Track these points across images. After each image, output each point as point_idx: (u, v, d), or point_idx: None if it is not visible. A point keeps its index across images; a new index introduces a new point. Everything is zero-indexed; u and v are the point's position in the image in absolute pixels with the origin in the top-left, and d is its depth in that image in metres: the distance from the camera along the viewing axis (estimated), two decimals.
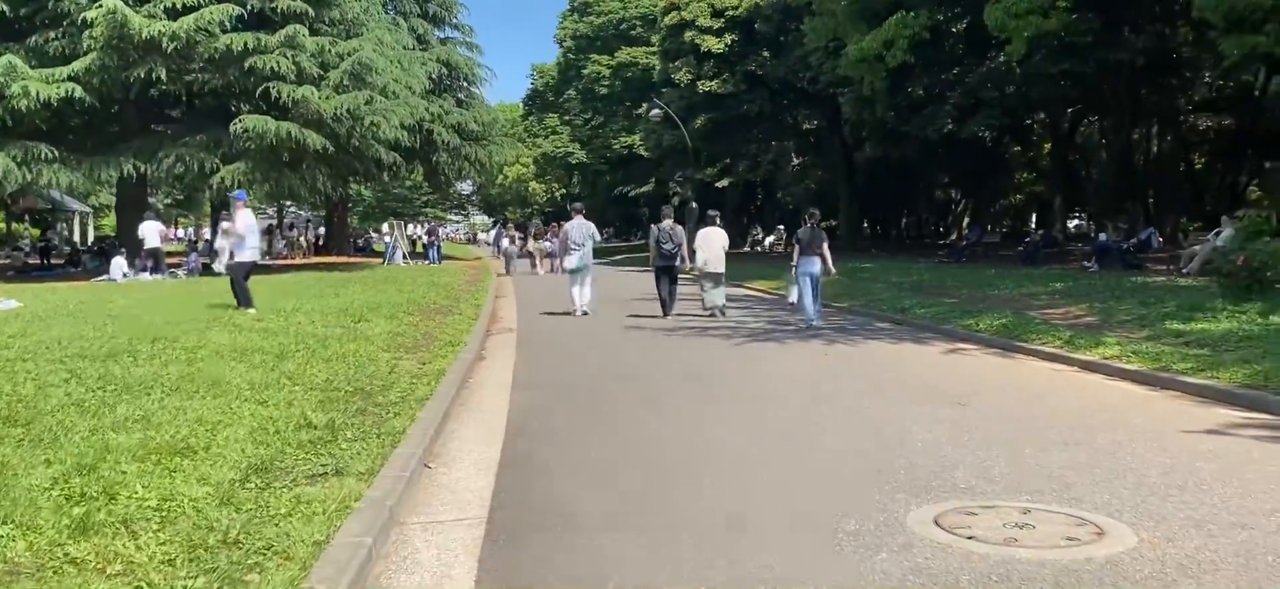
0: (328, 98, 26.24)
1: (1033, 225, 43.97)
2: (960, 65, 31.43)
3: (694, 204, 37.48)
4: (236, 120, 24.94)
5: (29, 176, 24.02)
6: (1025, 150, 42.60)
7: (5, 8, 24.19)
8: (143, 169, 25.84)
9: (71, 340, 10.09)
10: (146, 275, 25.45)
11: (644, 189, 56.64)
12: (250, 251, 13.91)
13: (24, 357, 8.92)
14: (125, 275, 25.05)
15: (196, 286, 21.05)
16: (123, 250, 26.62)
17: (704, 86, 39.55)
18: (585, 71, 57.74)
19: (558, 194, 77.00)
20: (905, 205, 49.93)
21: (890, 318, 16.24)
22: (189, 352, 9.41)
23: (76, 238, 48.73)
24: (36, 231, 57.39)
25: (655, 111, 40.66)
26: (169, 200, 57.96)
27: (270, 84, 25.08)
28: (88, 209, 49.38)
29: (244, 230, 13.76)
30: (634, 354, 11.33)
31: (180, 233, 63.01)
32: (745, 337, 13.21)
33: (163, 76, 24.38)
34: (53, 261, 32.36)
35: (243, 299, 13.77)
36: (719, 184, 48.25)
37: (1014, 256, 29.62)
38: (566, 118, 65.08)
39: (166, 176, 27.76)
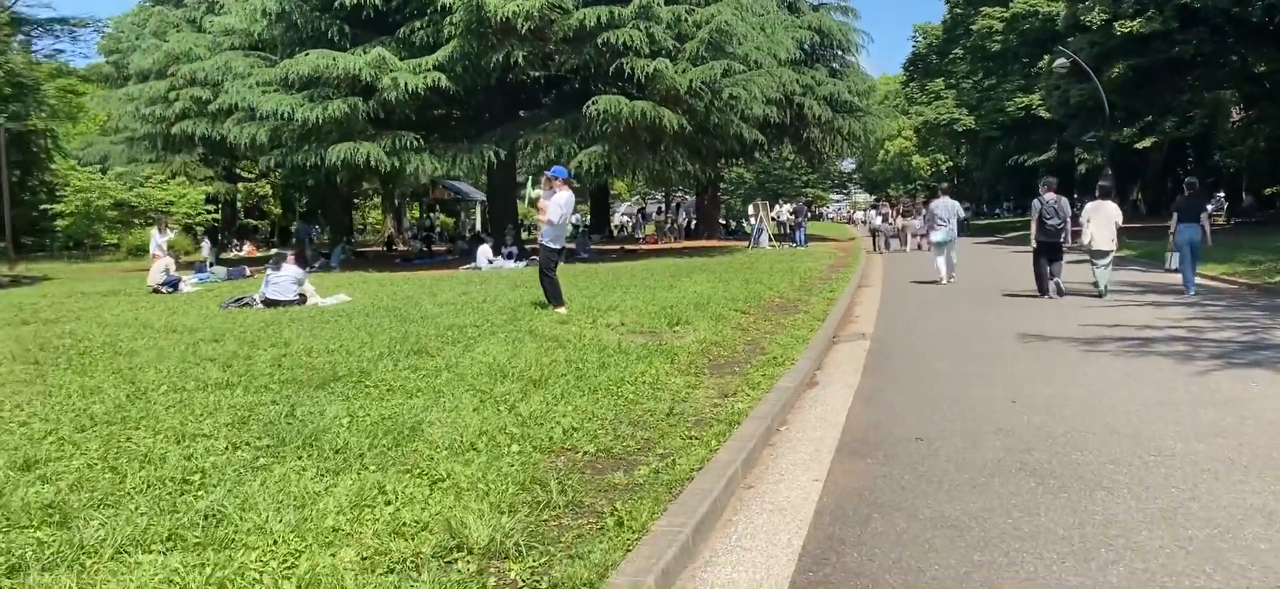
0: (683, 70, 24.34)
1: None
2: None
3: (1108, 171, 31.63)
4: (590, 102, 23.71)
5: (397, 165, 24.38)
6: None
7: (378, 2, 24.66)
8: (503, 155, 25.49)
9: (322, 351, 8.48)
10: (510, 263, 25.07)
11: (1043, 157, 49.85)
12: (554, 239, 11.90)
13: (232, 369, 7.32)
14: (490, 262, 24.80)
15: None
16: (489, 238, 26.56)
17: (1123, 28, 33.13)
18: (974, 27, 51.79)
19: (944, 166, 71.11)
20: None
21: None
22: (429, 374, 7.37)
23: (478, 226, 51.68)
24: (449, 220, 62.39)
25: (1061, 62, 34.74)
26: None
27: (624, 59, 23.60)
28: (483, 197, 52.14)
29: (554, 214, 11.77)
30: (1038, 385, 7.68)
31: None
32: (1214, 355, 8.95)
33: (520, 59, 23.70)
34: (434, 249, 33.63)
35: (551, 294, 11.84)
36: (1139, 145, 40.80)
37: None
38: (952, 81, 59.28)
39: (527, 163, 27.39)
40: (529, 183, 30.84)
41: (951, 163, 72.75)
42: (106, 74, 47.11)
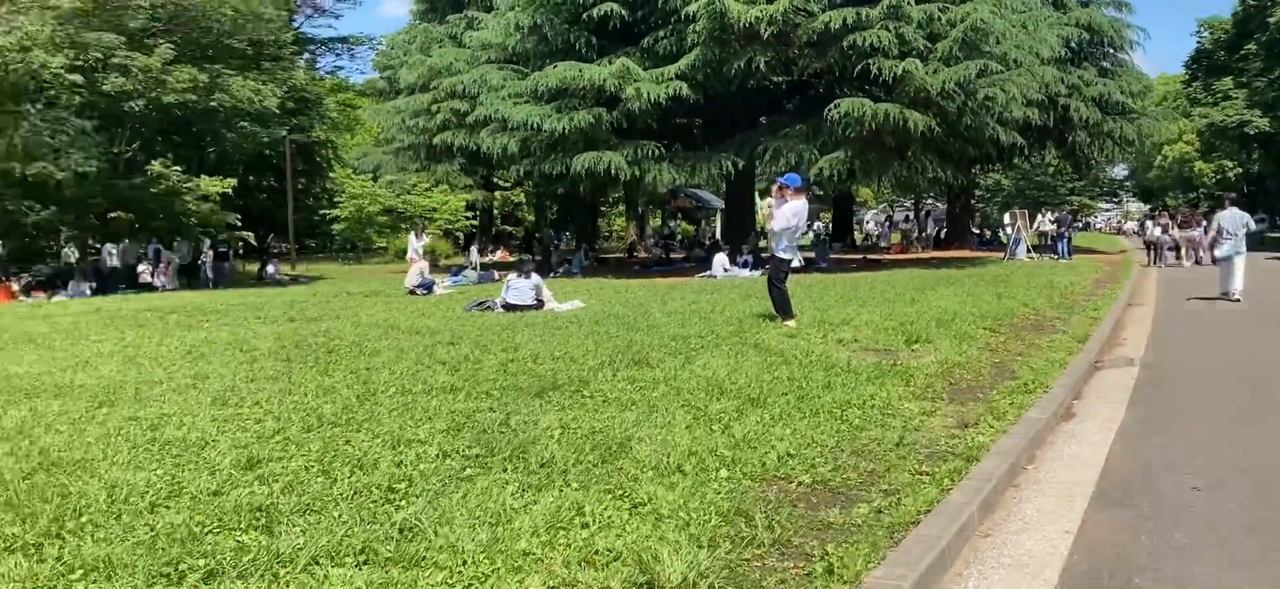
0: (934, 71, 23.17)
1: None
2: None
3: None
4: (831, 105, 23.02)
5: (638, 174, 24.65)
6: None
7: (624, 12, 25.05)
8: (741, 164, 25.23)
9: (547, 358, 8.47)
10: (744, 272, 24.78)
11: None
12: (785, 250, 11.44)
13: (460, 373, 7.38)
14: (726, 271, 24.61)
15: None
16: (725, 247, 26.39)
17: None
18: (1272, 19, 46.45)
19: (1232, 174, 64.33)
20: None
21: None
22: (645, 386, 7.15)
23: (718, 233, 51.83)
24: (690, 227, 63.05)
25: None
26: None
27: (870, 60, 22.76)
28: (723, 205, 52.25)
29: (780, 223, 11.34)
30: None
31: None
32: None
33: (761, 65, 23.37)
34: (672, 256, 33.83)
35: (780, 306, 11.40)
36: None
37: None
38: (1243, 80, 53.42)
39: (767, 170, 26.99)
40: (758, 196, 30.40)
41: (1241, 169, 65.72)
42: (380, 89, 50.95)
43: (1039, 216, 39.91)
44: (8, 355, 9.42)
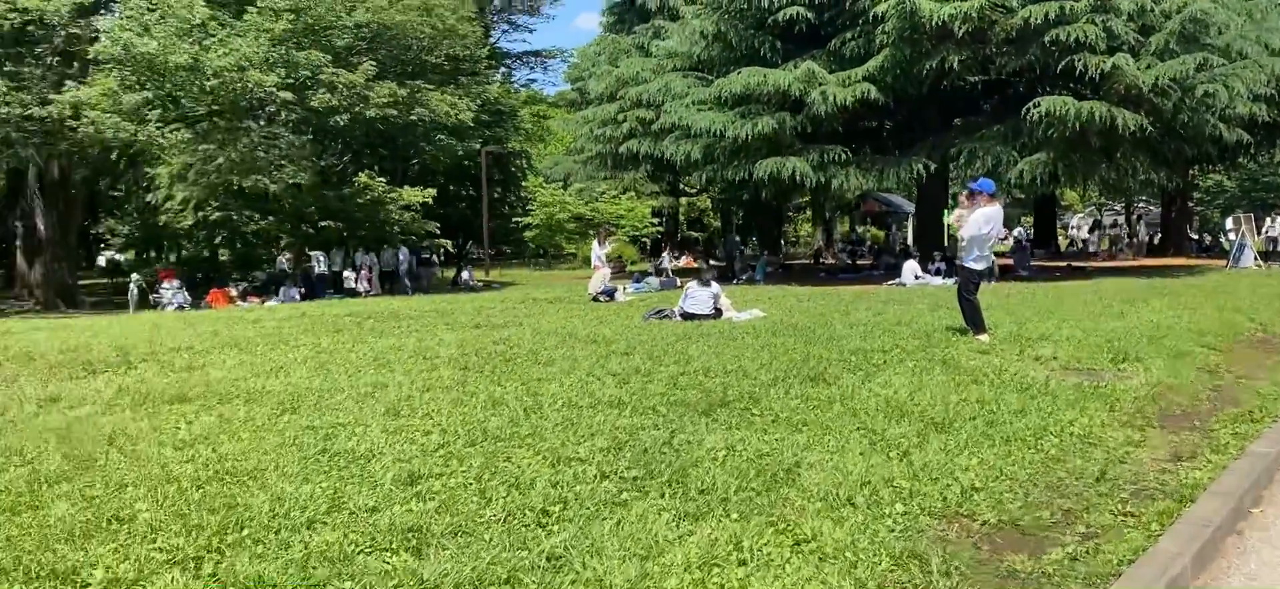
0: (1147, 67, 21.51)
1: None
2: None
3: None
4: (1031, 105, 21.72)
5: (822, 180, 24.06)
6: None
7: (810, 16, 24.52)
8: (933, 168, 24.21)
9: (719, 372, 8.22)
10: (936, 280, 23.74)
11: None
12: (976, 260, 10.73)
13: (629, 385, 7.21)
14: (917, 278, 23.66)
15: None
16: (916, 253, 25.41)
17: None
18: None
19: None
20: None
21: None
22: (820, 405, 6.78)
23: (909, 240, 50.16)
24: (880, 233, 61.35)
25: None
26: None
27: (1074, 56, 21.35)
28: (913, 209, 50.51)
29: (968, 230, 10.66)
30: None
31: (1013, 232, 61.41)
32: None
33: (955, 64, 22.35)
34: (859, 264, 32.93)
35: (971, 319, 10.71)
36: None
37: None
38: None
39: (961, 174, 25.82)
40: (951, 200, 29.13)
41: None
42: (571, 100, 52.23)
43: (1268, 221, 36.43)
44: (213, 359, 9.99)
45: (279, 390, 7.62)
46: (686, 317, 14.27)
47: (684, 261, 41.60)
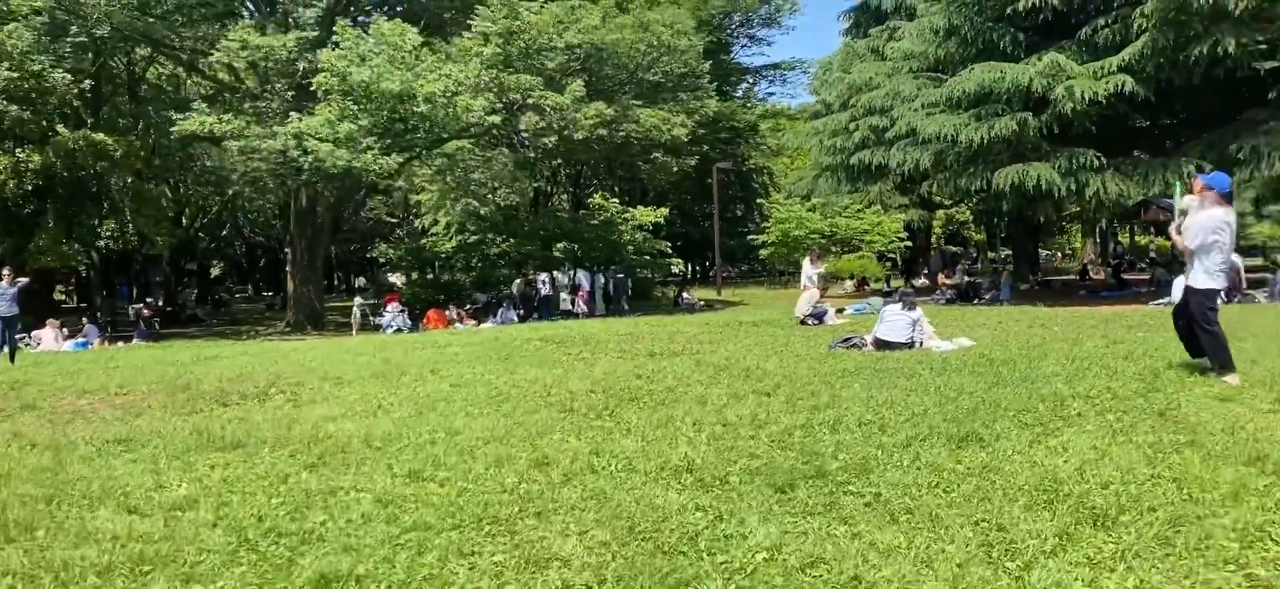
0: None
1: None
2: None
3: None
4: None
5: (1073, 188, 21.30)
6: None
7: (1057, 2, 21.85)
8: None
9: (850, 424, 6.76)
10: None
11: None
12: (1210, 275, 8.45)
13: (724, 443, 5.93)
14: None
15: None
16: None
17: None
18: None
19: None
20: None
21: None
22: (948, 482, 5.21)
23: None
24: (1167, 244, 55.17)
25: None
26: None
27: None
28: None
29: (1192, 240, 8.40)
30: None
31: None
32: None
33: (1229, 47, 19.11)
34: (1124, 278, 29.45)
35: (1213, 353, 8.44)
36: None
37: None
38: None
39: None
40: (1178, 194, 25.09)
41: None
42: (815, 112, 50.47)
43: None
44: (326, 393, 9.66)
45: (333, 436, 6.99)
46: (880, 344, 12.67)
47: (940, 280, 38.86)
